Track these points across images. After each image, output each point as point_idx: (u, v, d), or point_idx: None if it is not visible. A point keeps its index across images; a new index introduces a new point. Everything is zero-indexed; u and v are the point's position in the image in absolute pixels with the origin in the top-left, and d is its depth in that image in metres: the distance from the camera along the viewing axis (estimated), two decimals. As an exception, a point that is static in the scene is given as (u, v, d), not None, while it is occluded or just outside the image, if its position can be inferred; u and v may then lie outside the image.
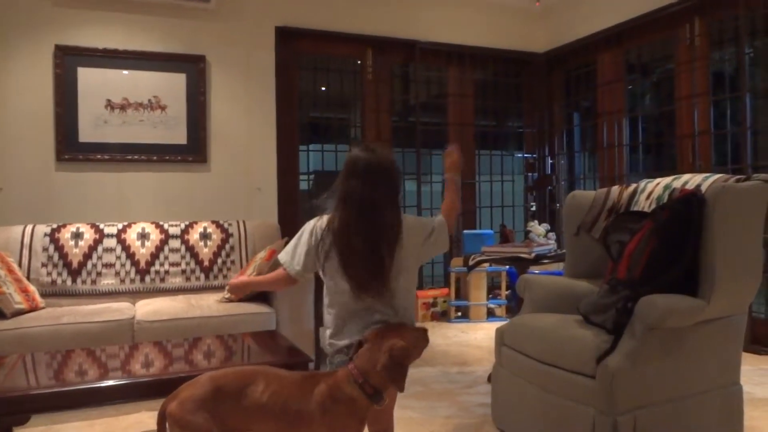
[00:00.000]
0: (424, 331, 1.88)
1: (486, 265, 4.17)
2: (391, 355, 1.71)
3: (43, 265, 3.56)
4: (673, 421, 2.19)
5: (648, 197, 2.68)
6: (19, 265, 3.46)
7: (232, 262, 3.90)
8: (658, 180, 2.73)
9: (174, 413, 1.70)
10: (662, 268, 2.19)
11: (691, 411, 2.24)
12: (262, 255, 3.55)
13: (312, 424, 1.73)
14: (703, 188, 2.32)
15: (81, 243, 3.67)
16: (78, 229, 3.72)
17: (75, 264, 3.61)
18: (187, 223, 3.96)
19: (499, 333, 2.70)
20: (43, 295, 3.41)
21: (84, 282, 3.60)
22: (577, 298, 2.56)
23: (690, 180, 2.49)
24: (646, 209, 2.62)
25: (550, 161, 5.82)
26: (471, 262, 3.55)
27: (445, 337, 4.60)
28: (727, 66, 4.36)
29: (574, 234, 2.95)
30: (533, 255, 3.32)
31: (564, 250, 3.34)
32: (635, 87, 5.38)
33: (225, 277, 3.84)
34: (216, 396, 1.72)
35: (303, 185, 5.05)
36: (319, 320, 3.71)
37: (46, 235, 3.63)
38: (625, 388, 2.07)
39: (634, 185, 2.86)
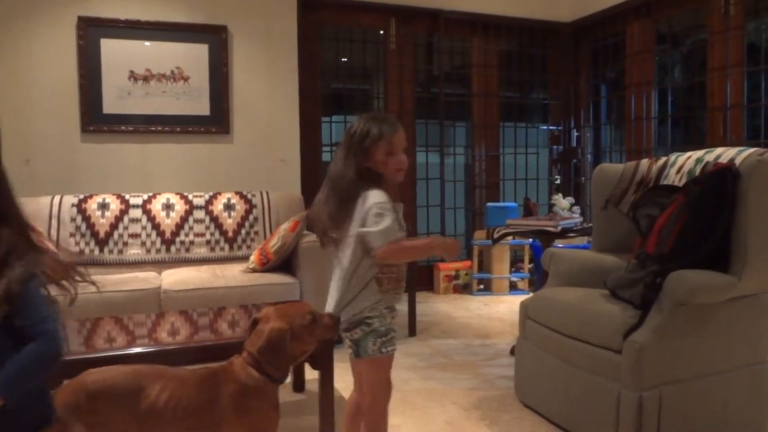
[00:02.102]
0: (327, 319, 1.73)
1: (509, 238, 4.15)
2: (269, 338, 1.63)
3: (72, 235, 3.61)
4: (699, 397, 2.18)
5: (679, 171, 2.62)
6: (48, 235, 3.52)
7: (256, 232, 3.92)
8: (689, 153, 2.67)
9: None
10: (693, 243, 2.15)
11: (718, 388, 2.22)
12: (285, 226, 3.56)
13: (222, 427, 1.60)
14: (738, 162, 2.26)
15: (107, 213, 3.71)
16: (104, 199, 3.76)
17: (102, 234, 3.66)
18: (211, 194, 3.98)
19: (524, 306, 2.69)
20: (71, 264, 3.46)
21: (111, 252, 3.65)
22: (603, 272, 2.53)
23: (723, 153, 2.43)
24: (676, 183, 2.56)
25: (575, 134, 5.72)
26: (495, 235, 3.53)
27: (467, 309, 4.60)
28: (763, 36, 4.22)
29: (601, 208, 2.90)
30: (559, 228, 3.28)
31: (590, 224, 3.30)
32: (665, 58, 5.24)
33: (249, 247, 3.86)
34: (93, 401, 1.52)
35: (326, 157, 5.04)
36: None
37: (73, 205, 3.68)
38: (651, 364, 2.06)
39: (664, 158, 2.80)
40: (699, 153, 2.59)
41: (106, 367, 1.65)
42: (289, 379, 2.87)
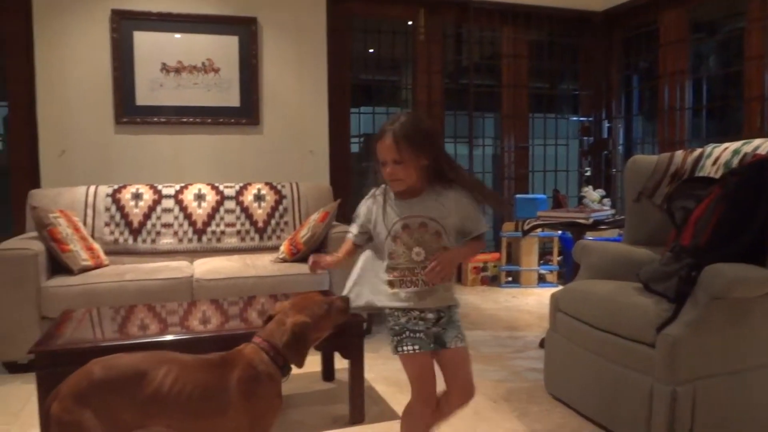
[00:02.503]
0: (340, 303, 1.79)
1: (538, 230, 4.12)
2: (293, 332, 1.68)
3: (106, 224, 3.68)
4: (734, 393, 2.14)
5: (715, 162, 2.57)
6: (84, 224, 3.59)
7: (286, 223, 3.95)
8: (725, 145, 2.61)
9: (53, 414, 1.52)
10: (730, 236, 2.11)
11: (756, 384, 2.17)
12: (315, 217, 3.59)
13: (228, 413, 1.60)
14: (777, 153, 2.21)
15: (141, 203, 3.78)
16: (137, 190, 3.83)
17: (135, 223, 3.72)
18: (241, 184, 4.03)
19: (554, 298, 2.67)
20: (106, 253, 3.53)
21: (144, 241, 3.72)
22: (636, 265, 2.50)
23: (762, 145, 2.37)
24: (712, 175, 2.51)
25: (606, 125, 5.64)
26: (526, 227, 3.50)
27: (495, 301, 4.59)
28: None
29: (634, 200, 2.86)
30: (591, 220, 3.24)
31: (622, 216, 3.26)
32: (700, 47, 5.12)
33: (278, 238, 3.89)
34: (102, 388, 1.53)
35: (354, 148, 5.05)
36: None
37: (108, 195, 3.75)
38: (685, 358, 2.02)
39: (699, 150, 2.74)
40: (736, 144, 2.53)
41: (111, 356, 1.66)
42: (318, 368, 2.90)
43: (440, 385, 1.80)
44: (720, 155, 2.57)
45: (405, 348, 1.74)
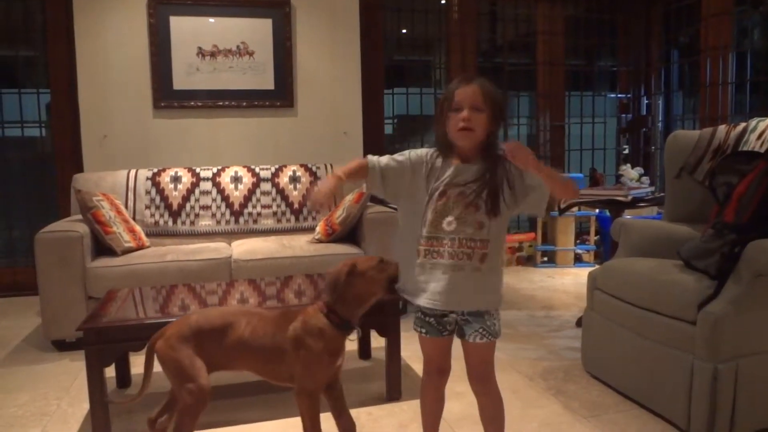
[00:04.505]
0: (383, 261, 1.82)
1: (575, 209, 4.07)
2: (328, 280, 1.84)
3: (147, 207, 3.77)
4: (778, 371, 2.10)
5: (760, 137, 2.49)
6: (126, 206, 3.68)
7: (321, 204, 3.98)
8: (771, 118, 2.54)
9: (159, 350, 1.88)
10: (775, 211, 2.06)
11: (800, 362, 2.13)
12: (350, 198, 3.61)
13: (285, 358, 1.85)
14: (826, 125, 2.13)
15: (179, 186, 3.85)
16: (176, 173, 3.90)
17: (175, 206, 3.80)
18: (277, 166, 4.07)
19: (592, 277, 2.64)
20: (147, 235, 3.62)
21: (183, 223, 3.79)
22: (676, 242, 2.45)
23: (810, 117, 2.30)
24: (757, 149, 2.45)
25: (645, 101, 5.51)
26: (563, 205, 3.46)
27: (531, 281, 4.56)
28: None
29: (675, 176, 2.80)
30: (630, 198, 3.19)
31: (661, 194, 3.20)
32: (744, 20, 4.94)
33: (314, 219, 3.93)
34: (198, 334, 1.86)
35: (388, 129, 5.04)
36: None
37: (148, 179, 3.83)
38: (727, 336, 1.99)
39: (743, 124, 2.67)
40: (783, 117, 2.46)
41: (207, 308, 2.04)
42: (355, 346, 2.94)
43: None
44: (765, 129, 2.49)
45: (416, 328, 1.77)
